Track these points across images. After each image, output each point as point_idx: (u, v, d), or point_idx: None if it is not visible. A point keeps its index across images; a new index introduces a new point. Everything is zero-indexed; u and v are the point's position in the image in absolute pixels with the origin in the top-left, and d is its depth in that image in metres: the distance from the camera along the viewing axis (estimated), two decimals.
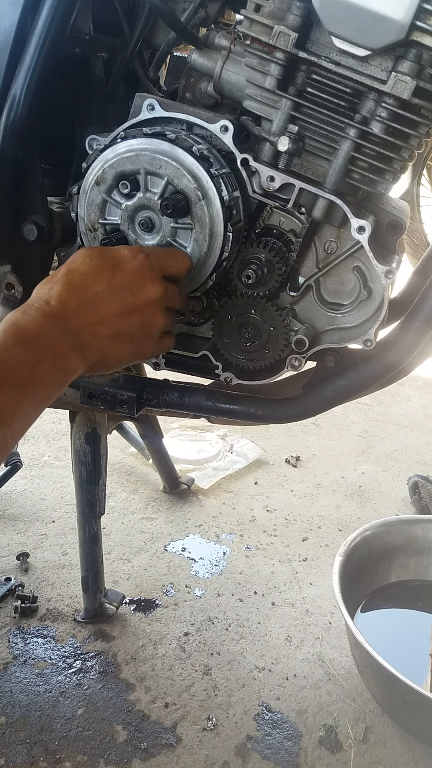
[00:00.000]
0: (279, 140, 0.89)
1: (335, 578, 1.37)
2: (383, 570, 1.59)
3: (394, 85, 0.83)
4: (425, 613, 1.55)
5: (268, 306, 1.00)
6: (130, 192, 0.91)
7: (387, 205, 1.00)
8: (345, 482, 2.11)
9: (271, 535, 1.84)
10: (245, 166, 0.94)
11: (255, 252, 0.97)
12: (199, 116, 0.95)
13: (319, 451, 2.27)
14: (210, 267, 0.93)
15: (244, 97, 0.94)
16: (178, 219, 0.90)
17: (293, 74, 0.90)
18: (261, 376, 1.06)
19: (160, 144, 0.89)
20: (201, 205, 0.89)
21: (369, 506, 2.00)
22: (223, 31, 0.97)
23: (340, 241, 0.97)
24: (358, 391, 1.04)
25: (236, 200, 0.94)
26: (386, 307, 0.98)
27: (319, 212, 0.93)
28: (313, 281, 1.00)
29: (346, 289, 1.00)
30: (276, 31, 0.86)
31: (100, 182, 0.91)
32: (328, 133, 0.91)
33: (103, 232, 0.94)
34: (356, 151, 0.90)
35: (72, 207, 0.97)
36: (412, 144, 0.90)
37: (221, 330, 1.04)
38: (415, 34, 0.80)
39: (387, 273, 0.95)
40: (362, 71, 0.85)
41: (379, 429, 2.47)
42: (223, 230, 0.91)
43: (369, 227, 0.92)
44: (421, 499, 1.97)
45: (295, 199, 0.94)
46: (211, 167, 0.90)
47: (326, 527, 1.89)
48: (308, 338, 1.00)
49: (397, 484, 2.11)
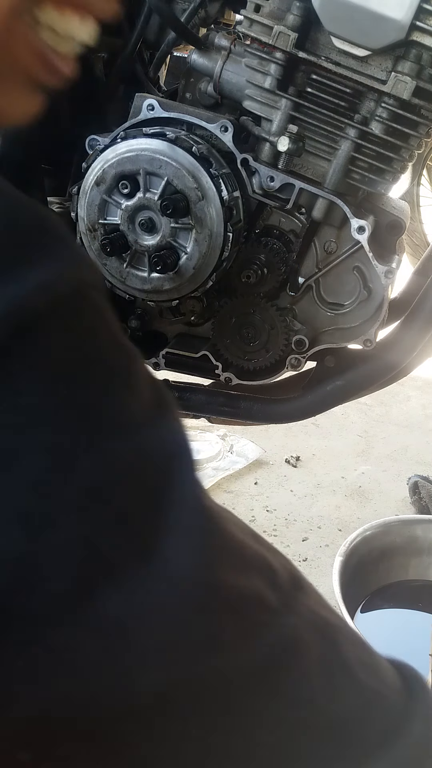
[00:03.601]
0: (279, 140, 0.89)
1: (335, 578, 1.37)
2: (383, 570, 1.59)
3: (394, 86, 0.83)
4: (425, 613, 1.55)
5: (268, 306, 1.00)
6: (130, 192, 0.91)
7: (387, 205, 1.00)
8: (345, 482, 2.11)
9: (271, 535, 1.84)
10: (245, 166, 0.94)
11: (255, 252, 0.97)
12: (199, 116, 0.95)
13: (319, 451, 2.27)
14: (210, 267, 0.93)
15: (244, 97, 0.94)
16: (178, 219, 0.90)
17: (293, 74, 0.90)
18: (261, 376, 1.06)
19: (160, 144, 0.89)
20: (201, 205, 0.89)
21: (369, 506, 2.00)
22: (223, 31, 0.97)
23: (339, 242, 0.97)
24: (358, 391, 1.04)
25: (236, 200, 0.94)
26: (386, 307, 0.98)
27: (319, 212, 0.93)
28: (313, 281, 1.00)
29: (346, 289, 1.00)
30: (276, 31, 0.86)
31: (100, 182, 0.91)
32: (327, 134, 0.91)
33: (103, 232, 0.94)
34: (356, 152, 0.90)
35: (72, 207, 0.97)
36: (412, 144, 0.90)
37: (221, 330, 1.04)
38: (415, 35, 0.80)
39: (387, 273, 0.95)
40: (362, 71, 0.85)
41: (379, 429, 2.47)
42: (223, 230, 0.91)
43: (369, 227, 0.92)
44: (421, 499, 1.97)
45: (295, 200, 0.94)
46: (211, 167, 0.90)
47: (326, 527, 1.89)
48: (308, 338, 1.00)
49: (397, 484, 2.11)
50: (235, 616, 0.30)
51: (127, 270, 0.94)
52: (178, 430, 0.31)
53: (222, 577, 0.30)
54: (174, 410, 0.31)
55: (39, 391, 0.26)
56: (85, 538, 0.26)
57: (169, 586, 0.28)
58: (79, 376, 0.27)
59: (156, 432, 0.30)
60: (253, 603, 0.31)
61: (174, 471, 0.30)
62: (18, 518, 0.25)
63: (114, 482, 0.28)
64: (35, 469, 0.25)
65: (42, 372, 0.26)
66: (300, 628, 0.33)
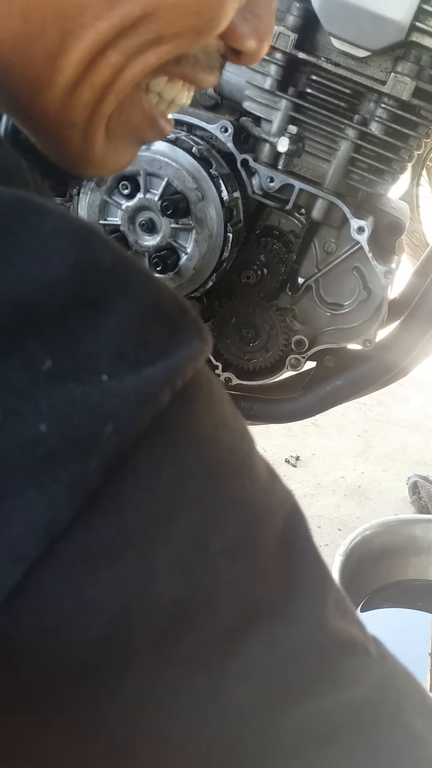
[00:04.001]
0: (278, 141, 0.89)
1: (335, 578, 1.37)
2: (383, 569, 1.59)
3: (394, 86, 0.83)
4: (425, 613, 1.55)
5: (268, 306, 1.00)
6: (131, 193, 0.91)
7: (386, 205, 1.00)
8: (345, 482, 2.12)
9: None
10: (245, 166, 0.94)
11: (255, 253, 0.98)
12: (199, 117, 0.95)
13: (319, 451, 2.27)
14: (210, 267, 0.93)
15: (244, 98, 0.94)
16: (178, 220, 0.90)
17: (293, 75, 0.90)
18: (261, 376, 1.06)
19: (160, 145, 0.89)
20: (201, 205, 0.89)
21: (369, 506, 2.01)
22: None
23: (339, 242, 0.98)
24: (357, 390, 1.04)
25: (236, 201, 0.94)
26: (386, 307, 0.98)
27: (318, 213, 0.94)
28: (313, 282, 1.01)
29: (345, 289, 1.00)
30: (276, 32, 0.86)
31: (100, 183, 0.92)
32: (327, 134, 0.91)
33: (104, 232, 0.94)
34: (356, 152, 0.91)
35: (72, 208, 0.97)
36: (412, 145, 0.90)
37: (221, 330, 1.04)
38: (414, 35, 0.81)
39: (386, 273, 0.95)
40: (362, 72, 0.86)
41: (379, 429, 2.47)
42: (223, 231, 0.91)
43: (368, 228, 0.93)
44: (421, 498, 1.97)
45: (294, 200, 0.94)
46: (211, 168, 0.90)
47: (326, 527, 1.89)
48: (308, 338, 1.01)
49: (396, 484, 2.12)
50: (350, 658, 0.34)
51: None
52: (288, 490, 0.34)
53: (337, 624, 0.33)
54: (276, 472, 0.35)
55: (195, 452, 0.29)
56: (231, 586, 0.29)
57: (304, 630, 0.31)
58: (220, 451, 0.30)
59: (275, 495, 0.33)
60: (360, 647, 0.35)
61: (296, 526, 0.33)
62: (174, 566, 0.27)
63: (257, 536, 0.31)
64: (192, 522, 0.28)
65: (197, 437, 0.29)
66: (397, 672, 0.37)
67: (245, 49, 0.41)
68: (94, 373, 0.26)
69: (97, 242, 0.28)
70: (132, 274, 0.28)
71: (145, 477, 0.27)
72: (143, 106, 0.41)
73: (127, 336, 0.27)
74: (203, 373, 0.30)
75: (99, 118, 0.39)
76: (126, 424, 0.26)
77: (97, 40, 0.35)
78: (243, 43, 0.40)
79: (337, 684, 0.32)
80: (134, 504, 0.26)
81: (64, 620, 0.25)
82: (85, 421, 0.25)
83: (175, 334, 0.29)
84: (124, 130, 0.41)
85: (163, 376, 0.27)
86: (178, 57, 0.38)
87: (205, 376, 0.30)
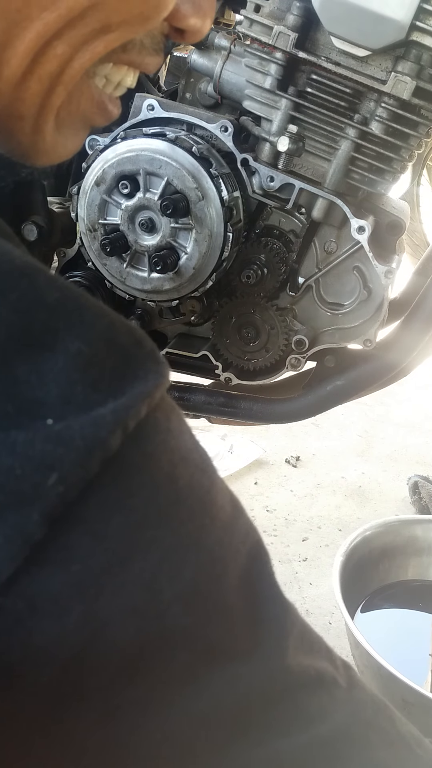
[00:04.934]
0: (279, 140, 0.89)
1: (335, 578, 1.37)
2: (383, 570, 1.59)
3: (394, 86, 0.83)
4: (425, 613, 1.55)
5: (268, 306, 1.00)
6: (130, 192, 0.91)
7: (387, 205, 1.00)
8: (345, 482, 2.11)
9: (271, 535, 1.84)
10: (245, 166, 0.94)
11: (255, 252, 0.97)
12: (199, 116, 0.95)
13: (319, 451, 2.27)
14: (210, 267, 0.93)
15: (244, 97, 0.94)
16: (178, 219, 0.90)
17: (293, 74, 0.90)
18: (261, 376, 1.06)
19: (160, 144, 0.89)
20: (201, 205, 0.89)
21: (369, 506, 2.00)
22: (223, 31, 0.97)
23: (339, 242, 0.97)
24: (358, 390, 1.04)
25: (236, 200, 0.94)
26: (386, 307, 0.98)
27: (318, 212, 0.94)
28: (313, 281, 1.00)
29: (345, 289, 1.00)
30: (276, 31, 0.86)
31: (100, 182, 0.91)
32: (327, 134, 0.91)
33: (103, 232, 0.94)
34: (356, 151, 0.90)
35: (72, 207, 0.97)
36: (412, 144, 0.90)
37: (221, 330, 1.04)
38: (415, 35, 0.80)
39: (387, 273, 0.95)
40: (362, 71, 0.85)
41: (380, 429, 2.47)
42: (223, 230, 0.91)
43: (369, 227, 0.92)
44: (421, 499, 1.97)
45: (294, 200, 0.94)
46: (211, 167, 0.90)
47: (326, 527, 1.89)
48: (308, 338, 1.00)
49: (397, 484, 2.11)
50: (315, 694, 0.33)
51: (127, 270, 0.94)
52: (252, 525, 0.34)
53: (300, 661, 0.33)
54: (241, 505, 0.35)
55: (149, 495, 0.28)
56: (193, 629, 0.29)
57: (266, 670, 0.31)
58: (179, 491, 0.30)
59: (238, 532, 0.33)
60: (328, 680, 0.34)
61: (259, 564, 0.33)
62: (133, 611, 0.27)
63: (216, 578, 0.30)
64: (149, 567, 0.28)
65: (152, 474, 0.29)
66: (366, 703, 0.36)
67: (189, 27, 0.41)
68: (38, 418, 0.25)
69: (41, 279, 0.27)
70: (81, 310, 0.28)
71: (94, 524, 0.26)
72: (91, 93, 0.41)
73: (76, 376, 0.26)
74: (161, 407, 0.29)
75: (48, 110, 0.39)
76: (71, 472, 0.25)
77: (44, 32, 0.35)
78: (187, 22, 0.41)
79: (301, 722, 0.32)
80: (83, 553, 0.26)
81: (11, 669, 0.25)
82: (26, 471, 0.24)
83: (129, 369, 0.28)
84: (74, 118, 0.41)
85: (114, 417, 0.26)
86: (125, 44, 0.39)
87: (163, 410, 0.29)
